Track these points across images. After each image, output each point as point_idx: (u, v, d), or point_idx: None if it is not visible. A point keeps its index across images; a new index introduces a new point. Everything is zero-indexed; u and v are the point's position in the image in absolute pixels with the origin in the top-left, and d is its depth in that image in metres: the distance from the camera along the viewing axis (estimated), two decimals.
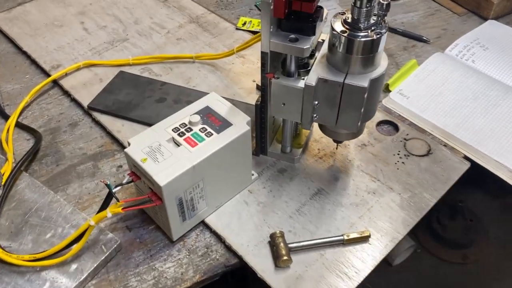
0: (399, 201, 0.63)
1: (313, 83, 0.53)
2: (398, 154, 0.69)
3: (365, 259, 0.57)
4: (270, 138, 0.67)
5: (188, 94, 0.77)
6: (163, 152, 0.54)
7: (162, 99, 0.77)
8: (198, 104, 0.60)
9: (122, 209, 0.53)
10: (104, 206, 0.55)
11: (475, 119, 0.73)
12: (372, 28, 0.51)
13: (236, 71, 0.83)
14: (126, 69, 0.83)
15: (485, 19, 0.95)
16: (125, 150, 0.54)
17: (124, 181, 0.55)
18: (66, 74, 0.82)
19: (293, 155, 0.67)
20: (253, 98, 0.78)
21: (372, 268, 0.56)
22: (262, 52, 0.55)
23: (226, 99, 0.61)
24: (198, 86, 0.80)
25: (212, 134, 0.56)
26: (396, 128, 0.73)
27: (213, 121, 0.58)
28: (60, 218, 0.60)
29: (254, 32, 0.92)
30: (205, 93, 0.77)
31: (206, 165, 0.54)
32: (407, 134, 0.72)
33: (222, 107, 0.59)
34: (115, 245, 0.57)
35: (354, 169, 0.67)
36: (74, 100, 0.78)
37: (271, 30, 0.53)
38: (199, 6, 0.99)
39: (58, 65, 0.84)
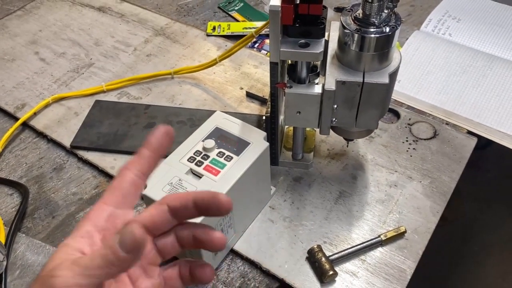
0: (421, 189, 0.62)
1: (333, 87, 0.50)
2: (407, 140, 0.68)
3: (406, 256, 0.55)
4: (279, 147, 0.64)
5: (177, 114, 0.72)
6: (186, 188, 0.49)
7: (151, 124, 0.71)
8: (206, 127, 0.56)
9: None
10: None
11: (469, 93, 0.74)
12: (385, 22, 0.49)
13: (220, 80, 0.79)
14: (101, 97, 0.77)
15: None
16: (144, 192, 0.49)
17: None
18: (35, 114, 0.74)
19: (306, 160, 0.64)
20: (245, 106, 0.74)
21: (416, 264, 0.55)
22: (271, 63, 0.51)
23: (227, 112, 0.57)
24: (185, 103, 0.75)
25: (232, 158, 0.52)
26: (396, 114, 0.72)
27: (228, 142, 0.54)
28: None
29: (226, 37, 0.88)
30: (195, 110, 0.73)
31: (234, 192, 0.50)
32: (410, 119, 0.71)
33: (233, 126, 0.55)
34: None
35: (369, 164, 0.65)
36: (52, 141, 0.71)
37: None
38: (160, 16, 0.93)
39: (23, 105, 0.76)
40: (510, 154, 0.70)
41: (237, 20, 0.91)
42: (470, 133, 0.69)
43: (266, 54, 0.84)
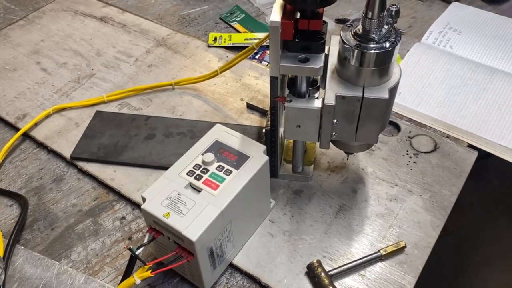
0: (421, 203, 0.62)
1: (333, 102, 0.50)
2: (407, 153, 0.68)
3: (406, 271, 0.55)
4: (279, 159, 0.63)
5: (177, 125, 0.72)
6: (184, 202, 0.49)
7: (151, 135, 0.71)
8: (206, 140, 0.56)
9: (152, 272, 0.48)
10: (128, 272, 0.49)
11: (469, 106, 0.74)
12: (385, 37, 0.49)
13: (221, 92, 0.79)
14: (102, 108, 0.77)
15: (449, 2, 0.96)
16: (142, 206, 0.49)
17: (146, 241, 0.50)
18: (36, 124, 0.74)
19: (306, 173, 0.64)
20: (245, 118, 0.74)
21: (416, 279, 0.55)
22: (271, 77, 0.52)
23: (225, 124, 0.57)
24: (185, 114, 0.75)
25: (231, 172, 0.52)
26: (396, 127, 0.72)
27: (228, 156, 0.54)
28: None
29: (227, 48, 0.88)
30: (195, 121, 0.73)
31: (233, 207, 0.50)
32: (410, 132, 0.71)
33: (232, 139, 0.55)
34: None
35: (369, 177, 0.65)
36: (52, 151, 0.71)
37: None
38: (162, 27, 0.94)
39: (24, 115, 0.76)
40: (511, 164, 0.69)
41: (238, 31, 0.92)
42: (470, 146, 0.69)
43: (267, 65, 0.84)
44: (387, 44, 0.49)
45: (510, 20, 0.89)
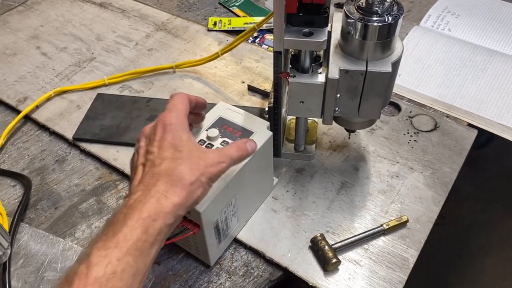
0: (423, 180, 0.63)
1: (337, 76, 0.51)
2: (408, 132, 0.68)
3: (409, 245, 0.56)
4: (281, 138, 0.64)
5: None
6: None
7: (153, 117, 0.71)
8: (210, 117, 0.56)
9: None
10: None
11: (468, 86, 0.74)
12: (388, 11, 0.49)
13: (222, 74, 0.79)
14: (104, 91, 0.77)
15: None
16: None
17: None
18: (37, 107, 0.74)
19: (308, 152, 0.65)
20: (247, 100, 0.75)
21: (418, 252, 0.55)
22: (275, 52, 0.52)
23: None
24: None
25: None
26: (397, 107, 0.73)
27: (232, 132, 0.54)
28: None
29: (227, 32, 0.88)
30: None
31: (238, 180, 0.51)
32: (410, 112, 0.71)
33: (236, 116, 0.56)
34: (149, 285, 0.53)
35: (371, 156, 0.66)
36: (54, 133, 0.71)
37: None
38: (161, 12, 0.94)
39: (25, 98, 0.76)
40: (509, 152, 0.70)
41: (238, 16, 0.92)
42: (470, 125, 0.70)
43: (267, 48, 0.84)
44: (390, 18, 0.49)
45: (507, 4, 0.90)
